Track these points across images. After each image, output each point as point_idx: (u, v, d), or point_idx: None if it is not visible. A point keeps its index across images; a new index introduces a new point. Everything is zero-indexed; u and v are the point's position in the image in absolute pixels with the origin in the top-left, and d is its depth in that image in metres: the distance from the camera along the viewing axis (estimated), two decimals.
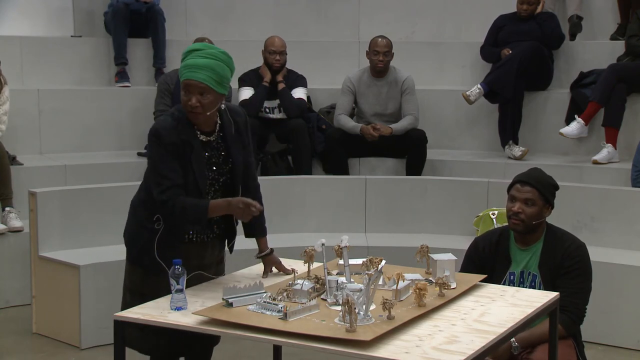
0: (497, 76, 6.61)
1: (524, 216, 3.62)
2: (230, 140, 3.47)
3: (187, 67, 3.33)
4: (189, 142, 3.35)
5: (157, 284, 3.35)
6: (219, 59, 3.34)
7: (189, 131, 3.37)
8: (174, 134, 3.33)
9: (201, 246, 3.53)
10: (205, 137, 3.42)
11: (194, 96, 3.30)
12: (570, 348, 3.61)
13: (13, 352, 4.99)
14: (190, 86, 3.30)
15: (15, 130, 6.42)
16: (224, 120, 3.47)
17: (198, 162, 3.37)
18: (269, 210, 5.93)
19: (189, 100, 3.31)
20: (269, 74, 6.72)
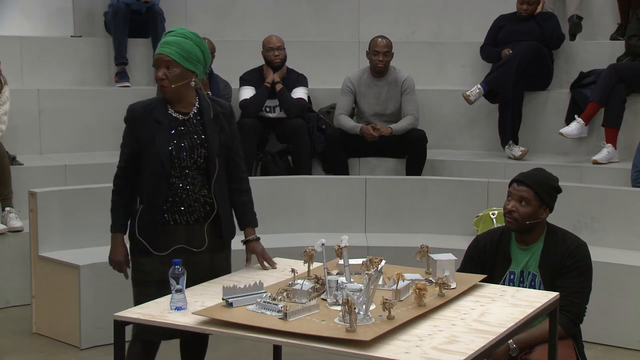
0: (497, 76, 6.61)
1: (517, 215, 3.61)
2: (207, 122, 3.61)
3: (159, 45, 3.57)
4: (157, 119, 3.54)
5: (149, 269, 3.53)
6: (187, 37, 3.57)
7: (162, 109, 3.57)
8: (141, 111, 3.57)
9: (184, 230, 3.57)
10: (181, 116, 3.58)
11: (161, 69, 3.52)
12: (570, 348, 3.61)
13: (13, 352, 4.99)
14: (158, 60, 3.54)
15: (15, 130, 6.42)
16: (203, 104, 3.63)
17: (161, 138, 3.51)
18: (269, 210, 5.99)
19: (157, 74, 3.53)
20: (271, 74, 6.72)
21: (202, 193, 3.59)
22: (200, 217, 3.60)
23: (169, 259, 3.31)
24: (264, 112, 6.75)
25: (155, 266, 3.51)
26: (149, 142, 3.52)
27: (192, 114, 3.60)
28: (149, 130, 3.53)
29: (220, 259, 3.68)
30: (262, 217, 5.85)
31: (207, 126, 3.59)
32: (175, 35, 3.56)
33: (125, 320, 3.02)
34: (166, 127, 3.54)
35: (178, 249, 3.54)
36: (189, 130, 3.57)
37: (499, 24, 7.06)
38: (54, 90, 6.93)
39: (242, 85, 6.79)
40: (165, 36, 3.60)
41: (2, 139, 5.98)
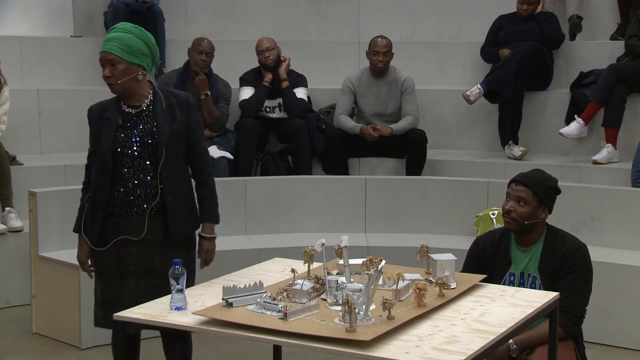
0: (497, 76, 6.61)
1: (516, 215, 3.61)
2: (158, 112, 3.64)
3: (103, 43, 3.60)
4: (107, 116, 3.64)
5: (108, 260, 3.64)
6: (128, 32, 3.60)
7: (115, 106, 3.64)
8: (97, 111, 3.69)
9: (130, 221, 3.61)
10: (133, 110, 3.64)
11: (106, 68, 3.57)
12: (570, 349, 3.60)
13: (13, 352, 4.99)
14: (102, 59, 3.59)
15: (15, 130, 6.42)
16: (156, 96, 3.67)
17: (107, 133, 3.60)
18: (269, 210, 5.99)
19: (103, 73, 3.59)
20: (268, 74, 6.73)
21: (153, 183, 3.61)
22: (148, 208, 3.62)
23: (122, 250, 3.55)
24: (264, 112, 6.75)
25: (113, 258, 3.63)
26: (97, 139, 3.64)
27: (145, 106, 3.65)
28: (98, 129, 3.65)
29: (178, 254, 3.48)
30: (262, 217, 5.96)
31: (157, 115, 3.63)
32: (117, 31, 3.60)
33: (126, 320, 3.02)
34: (114, 124, 3.61)
35: (123, 240, 3.59)
36: (140, 122, 3.63)
37: (499, 24, 7.06)
38: (54, 90, 6.93)
39: (241, 85, 6.79)
40: (107, 33, 3.64)
41: (2, 139, 5.98)
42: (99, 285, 3.71)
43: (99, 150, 3.64)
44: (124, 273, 3.62)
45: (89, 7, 7.80)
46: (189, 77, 6.59)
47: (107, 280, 3.66)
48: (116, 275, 3.63)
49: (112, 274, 3.64)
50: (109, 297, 3.61)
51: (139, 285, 3.57)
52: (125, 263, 3.62)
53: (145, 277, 3.57)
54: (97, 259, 3.71)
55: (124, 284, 3.61)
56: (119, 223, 3.62)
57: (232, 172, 6.42)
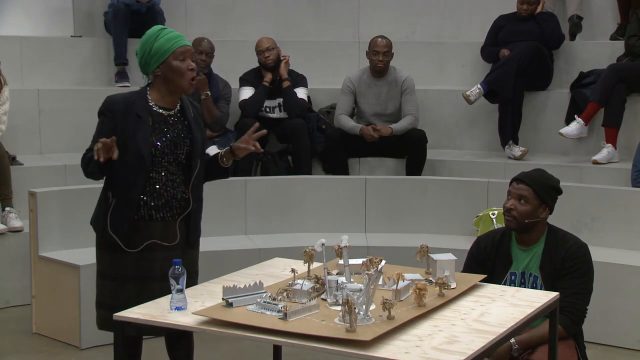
0: (497, 76, 6.61)
1: (516, 213, 3.61)
2: (190, 120, 3.64)
3: (173, 38, 3.58)
4: (138, 113, 3.53)
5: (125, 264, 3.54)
6: None
7: (144, 104, 3.56)
8: (121, 105, 3.55)
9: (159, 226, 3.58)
10: (164, 112, 3.60)
11: (191, 60, 3.59)
12: (571, 349, 3.61)
13: (13, 352, 4.99)
14: (186, 52, 3.58)
15: (15, 130, 6.42)
16: (184, 102, 3.67)
17: (143, 132, 3.51)
18: (269, 210, 5.99)
19: (189, 65, 3.57)
20: (268, 74, 6.73)
21: (180, 189, 3.61)
22: (176, 214, 3.62)
23: (143, 255, 3.45)
24: (264, 112, 6.75)
25: (135, 262, 3.55)
26: (129, 136, 3.50)
27: (175, 110, 3.63)
28: (129, 124, 3.51)
29: (193, 254, 3.68)
30: (262, 217, 5.95)
31: (191, 124, 3.63)
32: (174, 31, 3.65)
33: (126, 320, 3.02)
34: (147, 122, 3.54)
35: (149, 245, 3.56)
36: (172, 127, 3.59)
37: (499, 24, 7.06)
38: (54, 90, 6.92)
39: (241, 85, 6.79)
40: (164, 31, 3.61)
41: (2, 139, 5.97)
42: (108, 288, 3.61)
43: (132, 148, 3.49)
44: (143, 277, 3.54)
45: (89, 7, 7.80)
46: None
47: (120, 284, 3.57)
48: (132, 280, 3.55)
49: (127, 278, 3.55)
50: (122, 300, 3.47)
51: (164, 289, 3.42)
52: (147, 267, 3.55)
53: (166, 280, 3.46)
54: (110, 262, 3.61)
55: (145, 289, 3.51)
56: (148, 227, 3.57)
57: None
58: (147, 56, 3.58)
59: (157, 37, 3.57)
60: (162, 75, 3.57)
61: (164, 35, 3.58)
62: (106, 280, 3.63)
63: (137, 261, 3.55)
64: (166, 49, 3.55)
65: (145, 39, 3.61)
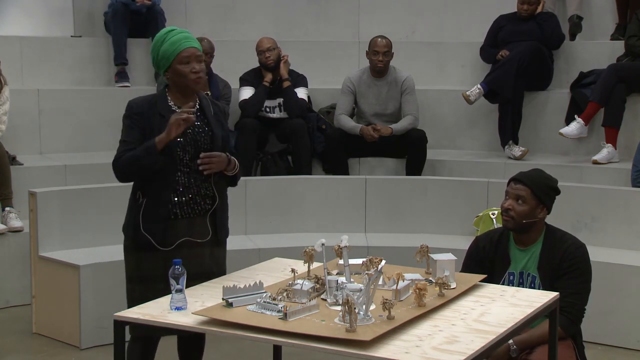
0: (497, 76, 6.61)
1: (514, 213, 3.61)
2: (210, 117, 3.66)
3: (179, 40, 3.56)
4: (160, 113, 3.55)
5: (152, 265, 3.54)
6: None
7: (165, 105, 3.59)
8: (145, 106, 3.58)
9: (188, 223, 3.59)
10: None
11: (199, 63, 3.56)
12: (570, 349, 3.61)
13: (13, 352, 4.99)
14: (191, 55, 3.55)
15: (15, 130, 6.42)
16: (203, 101, 3.68)
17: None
18: (269, 210, 5.99)
19: (192, 69, 3.55)
20: (268, 74, 6.73)
21: (204, 186, 3.63)
22: (203, 211, 3.64)
23: (174, 254, 3.39)
24: (264, 112, 6.75)
25: (163, 261, 3.49)
26: (156, 136, 3.51)
27: (195, 109, 3.63)
28: (155, 124, 3.54)
29: (220, 253, 3.74)
30: (262, 217, 5.95)
31: (211, 122, 3.65)
32: (185, 32, 3.63)
33: (126, 320, 3.02)
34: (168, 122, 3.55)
35: (181, 243, 3.56)
36: (193, 125, 3.59)
37: (499, 24, 7.06)
38: (54, 90, 6.93)
39: (241, 85, 6.79)
40: (174, 32, 3.59)
41: (2, 139, 5.97)
42: (138, 291, 3.57)
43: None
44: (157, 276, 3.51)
45: (89, 7, 7.81)
46: None
47: (149, 285, 3.54)
48: (161, 279, 3.47)
49: (156, 278, 3.52)
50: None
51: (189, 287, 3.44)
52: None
53: (197, 279, 3.42)
54: (139, 263, 3.60)
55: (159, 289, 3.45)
56: (178, 225, 3.58)
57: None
58: (157, 60, 3.62)
59: (164, 41, 3.58)
60: (171, 78, 3.61)
61: (169, 39, 3.58)
62: (135, 283, 3.62)
63: (166, 260, 3.45)
64: (170, 53, 3.55)
65: (154, 43, 3.64)
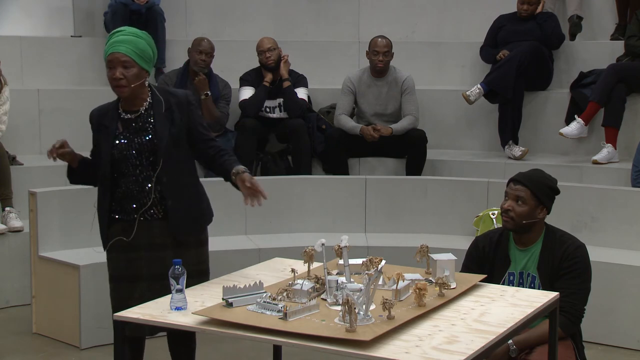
0: (497, 76, 6.61)
1: (514, 214, 3.61)
2: (158, 117, 3.58)
3: (110, 44, 3.53)
4: (105, 124, 3.58)
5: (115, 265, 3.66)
6: (139, 36, 3.56)
7: (113, 112, 3.59)
8: (96, 117, 3.63)
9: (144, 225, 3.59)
10: (131, 115, 3.59)
11: (117, 69, 3.48)
12: (569, 349, 3.61)
13: (13, 352, 4.99)
14: (114, 60, 3.50)
15: (15, 130, 6.42)
16: (155, 99, 3.60)
17: (106, 142, 3.58)
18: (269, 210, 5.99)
19: (113, 74, 3.49)
20: (268, 74, 6.73)
21: (157, 188, 3.59)
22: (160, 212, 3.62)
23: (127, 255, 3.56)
24: (264, 112, 6.75)
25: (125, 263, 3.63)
26: (97, 148, 3.64)
27: (143, 109, 3.60)
28: (98, 136, 3.64)
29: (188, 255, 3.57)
30: (262, 217, 5.94)
31: (157, 120, 3.58)
32: (127, 34, 3.55)
33: (126, 320, 3.02)
34: (112, 132, 3.58)
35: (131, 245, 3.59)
36: (139, 128, 3.58)
37: (499, 24, 7.06)
38: (54, 90, 6.93)
39: (242, 85, 6.79)
40: (115, 36, 3.56)
41: (2, 139, 5.98)
42: (110, 290, 3.71)
43: (100, 159, 3.63)
44: (134, 277, 3.60)
45: (89, 7, 7.80)
46: (189, 77, 6.60)
47: (117, 285, 3.66)
48: (126, 279, 3.62)
49: (122, 278, 3.63)
50: (120, 301, 3.55)
51: (152, 289, 3.49)
52: (136, 267, 3.60)
53: (159, 280, 3.48)
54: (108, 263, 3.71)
55: (135, 288, 3.59)
56: (123, 228, 3.61)
57: None
58: None
59: (106, 42, 3.59)
60: None
61: (109, 40, 3.57)
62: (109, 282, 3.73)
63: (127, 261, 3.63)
64: (105, 56, 3.58)
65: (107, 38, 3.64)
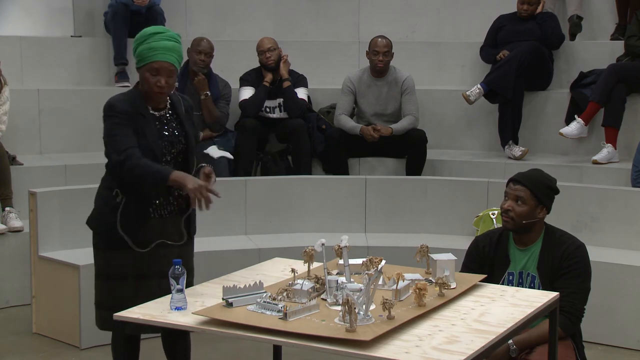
0: (497, 76, 6.61)
1: (514, 214, 3.61)
2: (183, 117, 3.66)
3: (156, 49, 3.52)
4: (141, 113, 3.54)
5: (122, 263, 3.57)
6: (178, 41, 3.59)
7: (141, 105, 3.57)
8: (127, 105, 3.54)
9: (157, 222, 3.60)
10: (157, 112, 3.61)
11: (163, 78, 3.51)
12: (569, 349, 3.61)
13: (13, 352, 4.99)
14: (161, 69, 3.52)
15: (15, 130, 6.42)
16: (174, 99, 3.67)
17: (150, 131, 3.54)
18: (269, 210, 5.99)
19: (158, 82, 3.51)
20: (268, 74, 6.73)
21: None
22: (174, 211, 3.64)
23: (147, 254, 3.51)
24: (264, 112, 6.75)
25: (132, 260, 3.57)
26: (140, 135, 3.53)
27: (166, 109, 3.64)
28: (138, 124, 3.53)
29: (188, 252, 3.73)
30: (262, 217, 5.95)
31: (183, 122, 3.65)
32: (169, 39, 3.55)
33: (126, 320, 3.02)
34: (151, 122, 3.57)
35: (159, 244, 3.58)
36: (167, 126, 3.61)
37: (499, 24, 7.06)
38: (54, 90, 6.92)
39: (241, 85, 6.79)
40: (154, 38, 3.54)
41: (2, 139, 5.97)
42: (107, 288, 3.63)
43: (144, 147, 3.51)
44: (140, 275, 3.58)
45: (89, 7, 7.80)
46: (188, 77, 6.60)
47: (118, 283, 3.59)
48: (130, 278, 3.57)
49: (125, 276, 3.58)
50: (120, 300, 3.48)
51: (161, 286, 3.46)
52: (146, 265, 3.58)
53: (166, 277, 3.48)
54: (108, 261, 3.62)
55: (142, 285, 3.56)
56: (154, 225, 3.59)
57: (232, 172, 6.43)
58: (135, 54, 3.62)
59: (144, 42, 3.56)
60: (140, 77, 3.60)
61: (150, 42, 3.54)
62: (104, 279, 3.65)
63: (135, 259, 3.58)
64: (144, 57, 3.54)
65: (138, 36, 3.62)
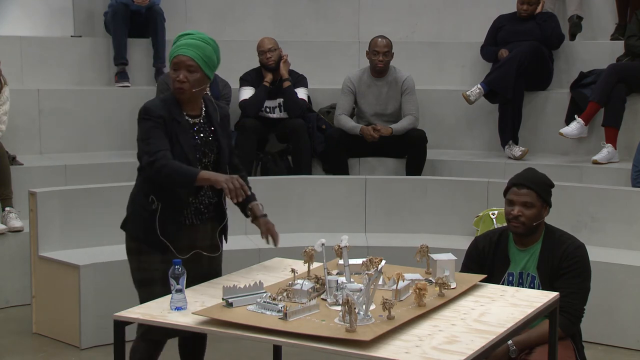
0: (497, 76, 6.61)
1: (525, 219, 3.61)
2: (216, 125, 3.62)
3: (178, 46, 3.51)
4: (176, 118, 3.50)
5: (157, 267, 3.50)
6: (208, 43, 3.54)
7: (176, 110, 3.52)
8: (162, 110, 3.49)
9: (191, 229, 3.59)
10: (191, 119, 3.57)
11: (181, 72, 3.47)
12: (569, 349, 3.61)
13: (13, 352, 4.99)
14: (180, 62, 3.48)
15: (15, 130, 6.42)
16: (209, 107, 3.63)
17: (185, 136, 3.50)
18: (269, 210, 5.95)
19: (177, 76, 3.47)
20: (268, 74, 6.73)
21: (207, 194, 3.61)
22: (205, 219, 3.62)
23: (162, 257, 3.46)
24: (264, 112, 6.75)
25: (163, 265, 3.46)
26: (174, 141, 3.47)
27: (201, 117, 3.60)
28: (172, 129, 3.48)
29: (218, 260, 3.75)
30: None
31: (217, 131, 3.61)
32: (196, 39, 3.51)
33: (126, 320, 3.02)
34: (186, 127, 3.52)
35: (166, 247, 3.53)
36: (200, 133, 3.57)
37: (499, 24, 7.06)
38: (54, 90, 6.92)
39: (242, 85, 6.79)
40: (182, 38, 3.53)
41: (2, 139, 5.98)
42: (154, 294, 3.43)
43: (176, 153, 3.46)
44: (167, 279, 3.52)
45: (89, 7, 7.81)
46: None
47: (150, 288, 3.51)
48: (158, 282, 3.49)
49: (155, 281, 3.51)
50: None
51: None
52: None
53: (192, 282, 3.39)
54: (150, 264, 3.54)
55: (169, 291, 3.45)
56: (191, 231, 3.57)
57: None
58: None
59: (174, 44, 3.55)
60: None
61: (175, 42, 3.54)
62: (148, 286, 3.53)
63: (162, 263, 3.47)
64: (170, 57, 3.54)
65: None
